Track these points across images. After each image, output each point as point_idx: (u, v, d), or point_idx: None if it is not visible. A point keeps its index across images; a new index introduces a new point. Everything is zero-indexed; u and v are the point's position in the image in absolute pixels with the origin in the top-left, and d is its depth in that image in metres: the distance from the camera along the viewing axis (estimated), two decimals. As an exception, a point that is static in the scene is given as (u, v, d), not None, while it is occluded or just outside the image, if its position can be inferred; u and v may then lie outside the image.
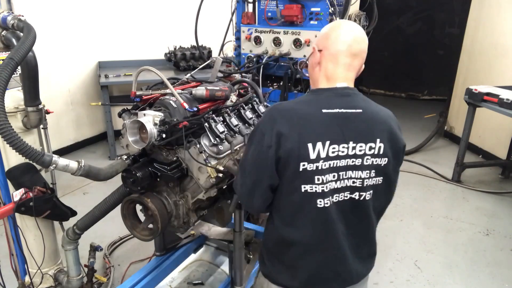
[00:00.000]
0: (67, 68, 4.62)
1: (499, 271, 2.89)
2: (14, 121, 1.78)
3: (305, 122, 1.24)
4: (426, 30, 7.48)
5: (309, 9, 2.54)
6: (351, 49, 1.30)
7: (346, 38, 1.30)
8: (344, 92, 1.31)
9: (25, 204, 1.79)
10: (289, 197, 1.29)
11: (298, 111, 1.27)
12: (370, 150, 1.28)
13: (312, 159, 1.22)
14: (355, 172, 1.28)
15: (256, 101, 1.97)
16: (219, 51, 2.89)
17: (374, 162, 1.29)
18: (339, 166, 1.26)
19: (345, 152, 1.25)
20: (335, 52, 1.31)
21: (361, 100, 1.32)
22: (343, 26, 1.33)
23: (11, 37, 1.72)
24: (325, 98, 1.30)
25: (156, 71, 1.67)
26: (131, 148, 1.71)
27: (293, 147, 1.21)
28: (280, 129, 1.22)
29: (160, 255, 2.31)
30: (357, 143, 1.26)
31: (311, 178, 1.23)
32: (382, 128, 1.31)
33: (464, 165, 4.23)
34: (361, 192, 1.30)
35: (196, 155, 1.61)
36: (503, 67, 4.52)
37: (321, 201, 1.25)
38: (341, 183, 1.27)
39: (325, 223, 1.29)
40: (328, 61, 1.33)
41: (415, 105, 7.29)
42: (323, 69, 1.34)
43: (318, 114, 1.25)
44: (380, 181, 1.32)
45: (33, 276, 2.07)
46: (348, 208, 1.31)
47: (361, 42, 1.32)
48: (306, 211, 1.28)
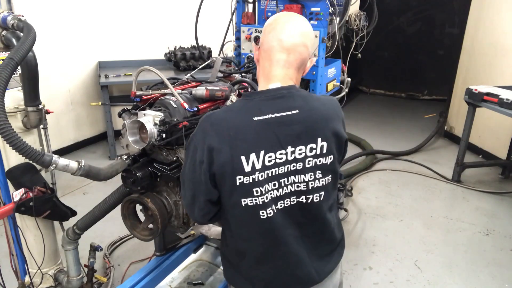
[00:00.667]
0: (67, 68, 4.62)
1: (499, 271, 2.89)
2: (14, 121, 1.78)
3: (236, 133, 1.16)
4: (426, 30, 7.48)
5: (309, 9, 2.54)
6: (283, 44, 1.20)
7: (277, 32, 1.21)
8: (276, 94, 1.21)
9: (25, 204, 1.79)
10: (231, 211, 1.24)
11: (229, 122, 1.18)
12: (311, 151, 1.21)
13: (248, 171, 1.16)
14: (298, 176, 1.22)
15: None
16: (219, 51, 2.89)
17: (318, 162, 1.23)
18: (278, 173, 1.20)
19: (283, 158, 1.19)
20: (268, 48, 1.23)
21: (297, 99, 1.22)
22: (277, 20, 1.24)
23: (11, 37, 1.72)
24: (256, 103, 1.20)
25: (156, 71, 1.67)
26: (131, 148, 1.71)
27: (225, 161, 1.15)
28: (211, 143, 1.15)
29: (160, 255, 2.31)
30: (295, 147, 1.19)
31: (249, 191, 1.17)
32: (323, 125, 1.23)
33: (464, 165, 4.23)
34: (307, 195, 1.24)
35: (196, 155, 1.61)
36: (503, 67, 4.52)
37: (263, 212, 1.20)
38: (283, 190, 1.22)
39: (272, 232, 1.24)
40: (264, 59, 1.25)
41: (415, 105, 7.29)
42: (261, 67, 1.28)
43: (249, 123, 1.16)
44: (329, 180, 1.27)
45: (33, 276, 2.07)
46: (297, 212, 1.26)
47: (295, 35, 1.21)
48: (250, 223, 1.23)
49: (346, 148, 1.36)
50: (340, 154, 1.31)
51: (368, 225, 3.45)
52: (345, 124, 1.34)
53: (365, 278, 2.79)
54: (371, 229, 3.39)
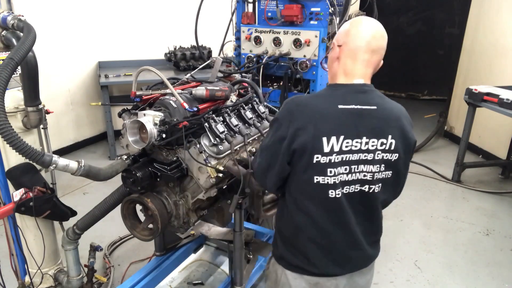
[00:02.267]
0: (67, 68, 4.62)
1: (499, 271, 2.89)
2: (14, 121, 1.78)
3: (321, 116, 1.28)
4: (426, 30, 7.48)
5: (309, 9, 2.54)
6: (370, 46, 1.33)
7: (365, 35, 1.33)
8: (360, 89, 1.35)
9: (25, 204, 1.79)
10: (302, 186, 1.34)
11: (315, 106, 1.31)
12: (381, 146, 1.32)
13: (326, 152, 1.27)
14: (366, 166, 1.33)
15: (256, 101, 1.97)
16: (219, 51, 2.89)
17: (384, 157, 1.34)
18: (351, 160, 1.31)
19: (358, 146, 1.30)
20: (354, 48, 1.34)
21: (376, 97, 1.36)
22: (364, 23, 1.36)
23: (11, 37, 1.72)
24: (342, 94, 1.34)
25: (156, 71, 1.67)
26: (131, 148, 1.71)
27: (308, 140, 1.26)
28: (297, 122, 1.28)
29: (160, 255, 2.31)
30: (370, 139, 1.31)
31: (323, 170, 1.29)
32: (394, 125, 1.35)
33: (464, 165, 4.23)
34: (370, 185, 1.35)
35: (196, 155, 1.61)
36: (503, 67, 4.52)
37: (332, 192, 1.31)
38: (352, 176, 1.33)
39: (337, 212, 1.35)
40: (347, 56, 1.36)
41: (415, 105, 7.28)
42: (341, 64, 1.38)
43: (334, 110, 1.29)
44: (389, 175, 1.37)
45: (33, 276, 2.07)
46: (357, 199, 1.36)
47: (380, 38, 1.35)
48: (318, 200, 1.33)
49: (413, 151, 1.46)
50: (406, 154, 1.39)
51: (368, 225, 3.45)
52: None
53: (365, 278, 2.79)
54: (371, 229, 3.39)
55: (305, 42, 2.45)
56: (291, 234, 1.43)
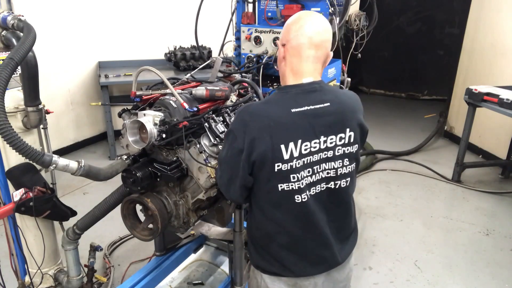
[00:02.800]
0: (67, 68, 4.62)
1: (499, 271, 2.89)
2: (14, 121, 1.78)
3: (276, 124, 1.26)
4: (426, 30, 7.47)
5: (309, 9, 2.53)
6: (312, 41, 1.31)
7: (307, 30, 1.31)
8: (310, 88, 1.33)
9: (25, 204, 1.79)
10: (267, 196, 1.34)
11: (268, 112, 1.29)
12: (340, 141, 1.33)
13: (286, 159, 1.26)
14: (328, 163, 1.33)
15: (256, 101, 1.97)
16: (219, 51, 2.88)
17: (345, 151, 1.34)
18: (312, 161, 1.30)
19: (317, 147, 1.30)
20: (297, 45, 1.32)
21: (327, 93, 1.34)
22: (304, 18, 1.34)
23: (11, 37, 1.72)
24: (293, 96, 1.32)
25: (156, 71, 1.67)
26: (131, 148, 1.71)
27: (266, 150, 1.25)
28: (252, 133, 1.25)
29: (160, 255, 2.31)
30: (327, 136, 1.31)
31: (286, 177, 1.28)
32: (350, 116, 1.35)
33: (464, 165, 4.23)
34: (336, 181, 1.36)
35: (196, 155, 1.61)
36: (503, 67, 4.52)
37: (298, 197, 1.30)
38: (316, 177, 1.33)
39: (305, 216, 1.34)
40: (292, 55, 1.34)
41: (415, 105, 7.29)
42: (288, 64, 1.36)
43: (287, 115, 1.27)
44: (353, 167, 1.39)
45: (33, 276, 2.07)
46: (325, 197, 1.37)
47: (322, 32, 1.33)
48: (285, 207, 1.33)
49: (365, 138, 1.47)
50: (362, 144, 1.42)
51: (368, 225, 3.45)
52: None
53: (365, 278, 2.79)
54: (371, 229, 3.39)
55: (305, 42, 2.45)
56: (263, 243, 1.43)
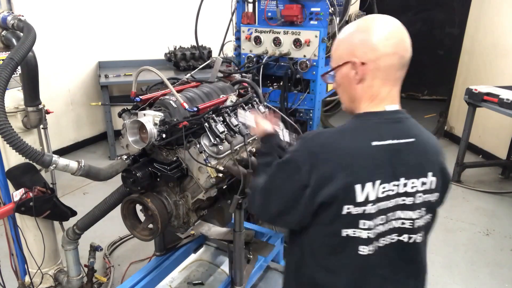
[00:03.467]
0: (67, 68, 4.62)
1: (499, 271, 2.89)
2: (14, 121, 1.78)
3: (353, 158, 1.03)
4: (426, 30, 7.47)
5: (309, 9, 2.53)
6: (403, 60, 1.08)
7: (398, 48, 1.06)
8: (395, 118, 1.10)
9: (25, 204, 1.79)
10: (325, 240, 1.10)
11: (344, 146, 1.05)
12: (422, 186, 1.08)
13: (359, 202, 1.03)
14: (405, 212, 1.08)
15: (256, 101, 1.97)
16: (219, 51, 2.89)
17: (425, 199, 1.10)
18: (388, 207, 1.06)
19: (395, 190, 1.06)
20: (386, 66, 1.06)
21: (413, 126, 1.12)
22: (389, 29, 1.07)
23: (11, 37, 1.72)
24: (374, 126, 1.08)
25: (156, 71, 1.67)
26: (131, 148, 1.71)
27: (337, 189, 1.01)
28: (322, 169, 1.02)
29: (160, 255, 2.31)
30: (408, 179, 1.07)
31: (354, 222, 1.04)
32: (433, 159, 1.11)
33: (464, 165, 4.22)
34: (411, 234, 1.10)
35: (196, 155, 1.61)
36: (503, 67, 4.52)
37: (364, 248, 1.06)
38: (388, 225, 1.08)
39: (364, 270, 1.10)
40: (375, 77, 1.08)
41: (415, 105, 7.28)
42: (367, 87, 1.10)
43: (367, 148, 1.04)
44: (429, 219, 1.13)
45: (33, 276, 2.07)
46: (395, 252, 1.11)
47: (409, 48, 1.09)
48: (344, 256, 1.09)
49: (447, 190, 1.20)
50: (444, 194, 1.17)
51: (368, 225, 3.45)
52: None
53: (365, 278, 2.79)
54: (371, 229, 3.39)
55: (305, 42, 2.45)
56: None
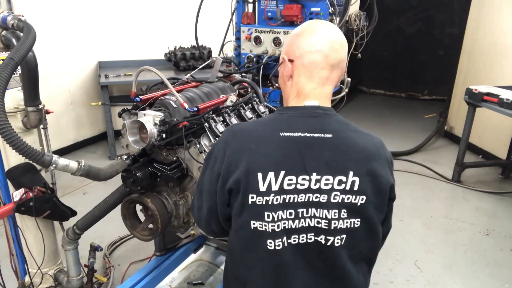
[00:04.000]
0: (67, 68, 4.62)
1: (499, 271, 2.89)
2: (14, 121, 1.78)
3: (257, 146, 1.05)
4: (426, 30, 7.48)
5: (309, 9, 2.54)
6: (328, 60, 1.10)
7: (322, 46, 1.09)
8: (311, 112, 1.10)
9: (25, 204, 1.79)
10: (238, 232, 1.10)
11: (252, 133, 1.08)
12: (339, 185, 1.05)
13: (262, 191, 1.03)
14: (319, 210, 1.05)
15: (256, 101, 1.97)
16: (219, 51, 2.89)
17: (345, 199, 1.05)
18: (297, 201, 1.04)
19: (305, 185, 1.04)
20: (309, 63, 1.11)
21: (334, 123, 1.10)
22: (318, 30, 1.11)
23: (11, 37, 1.72)
24: (287, 118, 1.10)
25: (156, 71, 1.67)
26: (131, 148, 1.71)
27: (241, 176, 1.04)
28: (231, 155, 1.06)
29: (160, 255, 2.31)
30: (322, 175, 1.04)
31: (260, 214, 1.04)
32: (358, 157, 1.06)
33: (464, 165, 4.23)
34: (327, 235, 1.06)
35: (196, 155, 1.61)
36: (503, 67, 4.52)
37: (271, 242, 1.05)
38: (300, 222, 1.05)
39: (278, 268, 1.07)
40: (300, 74, 1.13)
41: (415, 105, 7.29)
42: (294, 83, 1.14)
43: (273, 137, 1.05)
44: (357, 224, 1.06)
45: (33, 276, 2.07)
46: (314, 253, 1.08)
47: (340, 49, 1.11)
48: (255, 250, 1.08)
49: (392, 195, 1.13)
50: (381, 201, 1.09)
51: (368, 225, 3.44)
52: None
53: (365, 278, 2.79)
54: (371, 229, 3.39)
55: (305, 42, 2.45)
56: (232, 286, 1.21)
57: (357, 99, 7.64)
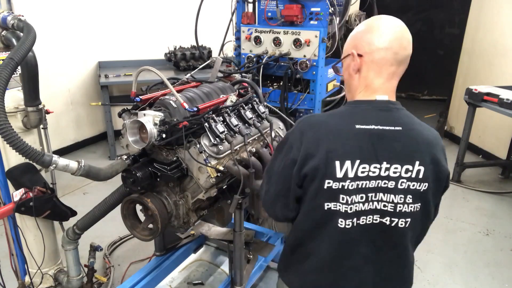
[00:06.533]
0: (67, 68, 4.62)
1: (499, 271, 2.89)
2: (14, 121, 1.78)
3: (335, 137, 1.14)
4: (426, 30, 7.48)
5: (309, 9, 2.53)
6: (397, 57, 1.17)
7: (392, 44, 1.16)
8: (384, 107, 1.19)
9: (25, 204, 1.79)
10: (309, 213, 1.22)
11: (329, 125, 1.17)
12: (406, 173, 1.16)
13: (339, 177, 1.13)
14: (387, 195, 1.16)
15: (256, 101, 1.97)
16: (219, 51, 2.89)
17: (411, 186, 1.16)
18: (368, 187, 1.15)
19: (376, 172, 1.15)
20: (379, 59, 1.18)
21: (403, 116, 1.21)
22: (388, 28, 1.18)
23: (11, 37, 1.72)
24: (361, 112, 1.19)
25: (156, 71, 1.67)
26: (131, 148, 1.71)
27: (319, 164, 1.13)
28: (308, 145, 1.15)
29: (160, 255, 2.31)
30: (391, 164, 1.15)
31: (335, 197, 1.15)
32: (423, 149, 1.18)
33: (464, 165, 4.23)
34: (392, 217, 1.18)
35: (196, 155, 1.61)
36: (503, 67, 4.52)
37: (342, 222, 1.16)
38: (369, 205, 1.17)
39: (345, 244, 1.20)
40: (369, 69, 1.20)
41: (415, 105, 7.27)
42: (362, 77, 1.22)
43: (350, 130, 1.15)
44: (418, 208, 1.19)
45: (33, 276, 2.07)
46: (377, 233, 1.20)
47: (407, 46, 1.19)
48: (326, 228, 1.20)
49: (447, 184, 1.27)
50: (438, 187, 1.23)
51: (368, 225, 3.45)
52: None
53: (365, 278, 2.79)
54: (371, 229, 3.39)
55: (305, 42, 2.45)
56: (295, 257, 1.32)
57: (357, 99, 7.64)
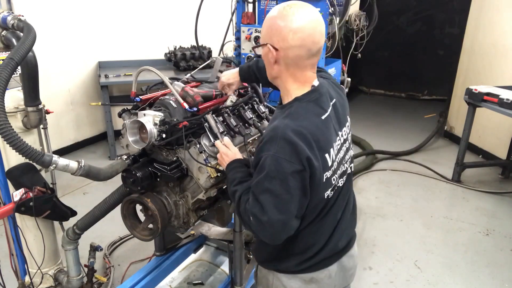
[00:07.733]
0: (67, 68, 4.62)
1: (499, 271, 2.89)
2: (14, 121, 1.78)
3: (318, 137, 1.21)
4: (426, 30, 7.48)
5: (309, 9, 2.53)
6: (311, 52, 1.20)
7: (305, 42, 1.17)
8: (323, 91, 1.29)
9: (25, 204, 1.79)
10: (317, 206, 1.28)
11: (308, 128, 1.19)
12: (347, 128, 1.39)
13: (330, 165, 1.26)
14: (348, 153, 1.40)
15: (256, 101, 1.97)
16: (219, 51, 2.89)
17: (349, 135, 1.40)
18: (342, 157, 1.34)
19: (340, 142, 1.32)
20: (294, 56, 1.20)
21: (330, 90, 1.35)
22: (302, 24, 1.16)
23: (11, 37, 1.72)
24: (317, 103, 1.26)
25: (156, 71, 1.67)
26: (131, 148, 1.71)
27: (318, 164, 1.20)
28: (306, 153, 1.15)
29: (160, 255, 2.31)
30: (341, 129, 1.34)
31: (330, 183, 1.28)
32: (347, 105, 1.40)
33: (464, 165, 4.23)
34: (350, 164, 1.42)
35: (196, 155, 1.61)
36: (503, 67, 4.52)
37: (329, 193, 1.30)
38: (342, 168, 1.35)
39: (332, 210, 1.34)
40: (287, 63, 1.22)
41: (415, 105, 7.29)
42: (284, 69, 1.24)
43: (321, 123, 1.24)
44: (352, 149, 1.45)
45: (33, 276, 2.07)
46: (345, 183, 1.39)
47: (320, 38, 1.20)
48: (323, 208, 1.31)
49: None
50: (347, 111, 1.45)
51: (368, 225, 3.45)
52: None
53: (365, 278, 2.79)
54: (371, 229, 3.39)
55: (305, 42, 2.45)
56: (298, 252, 1.35)
57: (357, 99, 7.64)
